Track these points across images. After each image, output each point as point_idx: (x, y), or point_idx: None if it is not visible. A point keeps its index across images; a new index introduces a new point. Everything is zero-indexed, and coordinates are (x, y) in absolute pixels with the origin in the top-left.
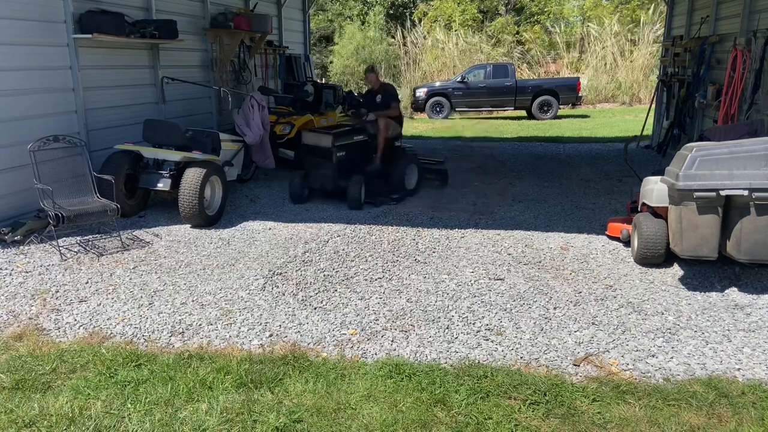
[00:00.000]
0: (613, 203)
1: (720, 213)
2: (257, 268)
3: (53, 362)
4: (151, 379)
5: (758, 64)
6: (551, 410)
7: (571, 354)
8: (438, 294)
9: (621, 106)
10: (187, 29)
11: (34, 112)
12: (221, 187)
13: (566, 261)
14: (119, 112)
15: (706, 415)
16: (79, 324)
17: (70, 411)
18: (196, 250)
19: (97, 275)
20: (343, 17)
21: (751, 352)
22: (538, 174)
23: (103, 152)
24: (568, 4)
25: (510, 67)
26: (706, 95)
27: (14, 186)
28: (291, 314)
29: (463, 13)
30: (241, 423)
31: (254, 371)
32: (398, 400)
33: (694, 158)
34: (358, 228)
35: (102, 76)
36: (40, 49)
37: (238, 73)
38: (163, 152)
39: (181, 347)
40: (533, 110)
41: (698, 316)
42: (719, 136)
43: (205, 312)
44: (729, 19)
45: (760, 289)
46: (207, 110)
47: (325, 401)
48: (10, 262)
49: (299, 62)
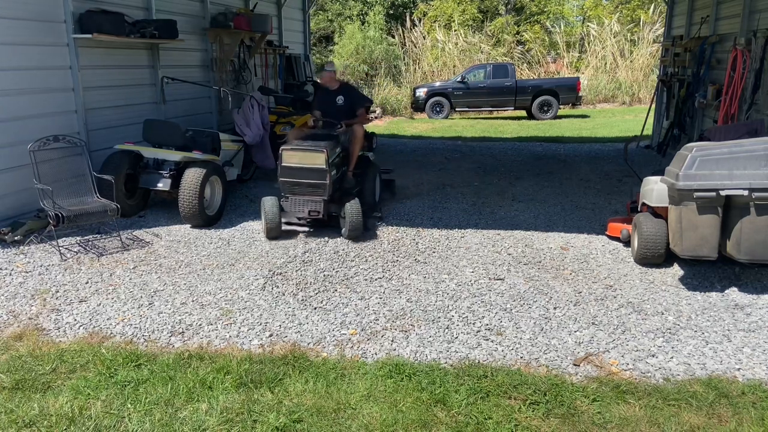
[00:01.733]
0: (613, 203)
1: (720, 213)
2: (257, 268)
3: (53, 362)
4: (151, 379)
5: (758, 64)
6: (551, 410)
7: (571, 354)
8: (438, 294)
9: (621, 106)
10: (187, 29)
11: (34, 112)
12: (221, 187)
13: (566, 261)
14: (119, 112)
15: (706, 415)
16: (79, 324)
17: (70, 411)
18: (196, 250)
19: (97, 275)
20: (343, 17)
21: (751, 352)
22: (538, 174)
23: (103, 152)
24: (568, 4)
25: (510, 67)
26: (706, 95)
27: (14, 186)
28: (291, 314)
29: (463, 13)
30: (241, 423)
31: (254, 371)
32: (398, 400)
33: (694, 158)
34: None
35: (102, 75)
36: (40, 49)
37: (238, 73)
38: (163, 152)
39: (181, 347)
40: (533, 110)
41: (698, 316)
42: (719, 136)
43: (205, 312)
44: (729, 19)
45: (760, 289)
46: (207, 110)
47: (325, 401)
48: (10, 262)
49: (299, 62)
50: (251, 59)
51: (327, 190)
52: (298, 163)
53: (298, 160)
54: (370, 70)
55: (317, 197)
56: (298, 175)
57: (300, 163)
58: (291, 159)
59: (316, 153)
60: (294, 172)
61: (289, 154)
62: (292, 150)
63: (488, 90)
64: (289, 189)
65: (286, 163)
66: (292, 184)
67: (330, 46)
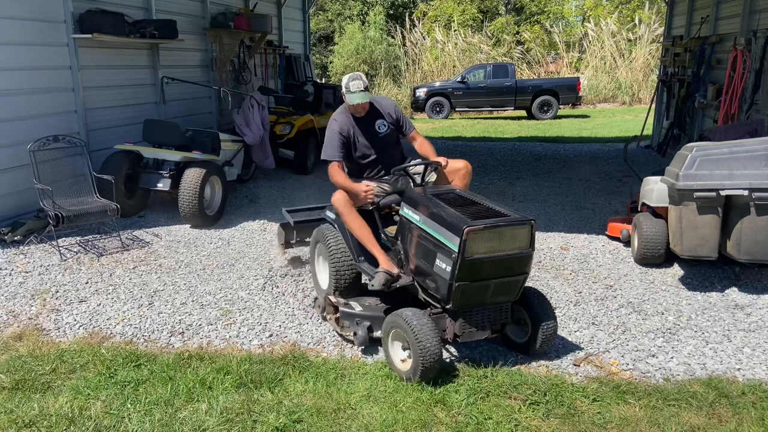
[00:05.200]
0: (613, 203)
1: (720, 213)
2: (257, 268)
3: (53, 362)
4: (151, 379)
5: (758, 64)
6: (551, 410)
7: (571, 354)
8: None
9: (621, 106)
10: (187, 29)
11: (34, 112)
12: (221, 187)
13: (566, 261)
14: (119, 112)
15: (706, 415)
16: (79, 324)
17: (70, 411)
18: (196, 250)
19: (96, 275)
20: (343, 17)
21: (751, 352)
22: (538, 174)
23: (103, 152)
24: (568, 4)
25: (510, 67)
26: (706, 95)
27: (14, 186)
28: (291, 314)
29: (463, 13)
30: (241, 423)
31: (254, 371)
32: (398, 400)
33: (694, 158)
34: None
35: (102, 75)
36: (40, 49)
37: (238, 73)
38: (163, 152)
39: (181, 347)
40: (533, 110)
41: (698, 316)
42: (719, 136)
43: (205, 312)
44: (729, 19)
45: (760, 289)
46: (207, 110)
47: (325, 401)
48: (10, 262)
49: (299, 62)
50: (251, 59)
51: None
52: (495, 251)
53: (493, 246)
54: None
55: (509, 298)
56: (490, 270)
57: (496, 251)
58: (480, 245)
59: (519, 227)
60: (484, 268)
61: (477, 237)
62: (480, 231)
63: (488, 90)
64: (477, 296)
65: (474, 253)
66: (479, 289)
67: (330, 46)
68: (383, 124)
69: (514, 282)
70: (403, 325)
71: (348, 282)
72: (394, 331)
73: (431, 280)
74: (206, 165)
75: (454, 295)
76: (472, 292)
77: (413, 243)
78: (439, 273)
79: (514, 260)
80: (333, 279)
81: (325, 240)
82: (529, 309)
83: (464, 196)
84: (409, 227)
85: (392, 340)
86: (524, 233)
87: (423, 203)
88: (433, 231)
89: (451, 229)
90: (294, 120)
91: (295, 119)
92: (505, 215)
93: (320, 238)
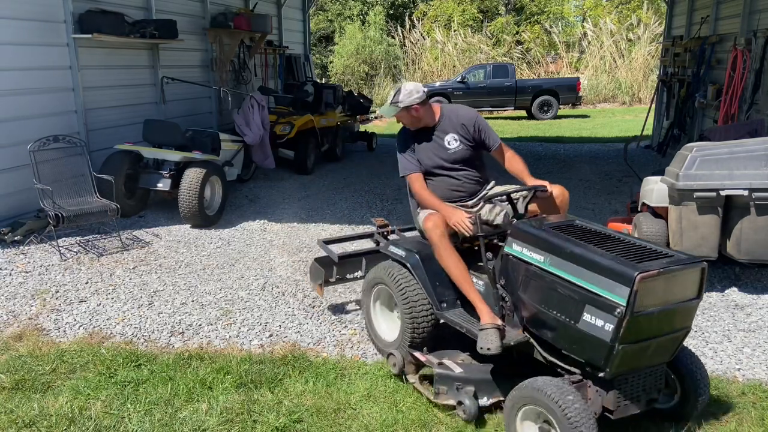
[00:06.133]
0: (613, 203)
1: (720, 213)
2: (257, 268)
3: (53, 362)
4: (151, 379)
5: (758, 64)
6: None
7: None
8: None
9: (621, 106)
10: (187, 29)
11: (34, 112)
12: (221, 187)
13: None
14: (119, 112)
15: (705, 415)
16: (79, 324)
17: (70, 411)
18: (195, 250)
19: (96, 275)
20: (343, 17)
21: (751, 352)
22: (538, 174)
23: (103, 152)
24: (568, 4)
25: (510, 67)
26: (706, 95)
27: (14, 186)
28: (291, 314)
29: (463, 13)
30: (241, 423)
31: (254, 371)
32: (398, 400)
33: (694, 158)
34: (358, 227)
35: (102, 75)
36: (40, 49)
37: (238, 73)
38: (163, 152)
39: (181, 347)
40: (533, 110)
41: (698, 317)
42: (719, 136)
43: (205, 312)
44: (729, 19)
45: (760, 289)
46: (207, 110)
47: (325, 401)
48: (10, 262)
49: (299, 62)
50: (251, 59)
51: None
52: (666, 302)
53: (665, 297)
54: (370, 71)
55: (664, 359)
56: (655, 326)
57: (667, 302)
58: (653, 296)
59: (691, 270)
60: (652, 324)
61: (651, 285)
62: (654, 277)
63: (488, 90)
64: (635, 360)
65: (647, 306)
66: (640, 350)
67: (330, 46)
68: (454, 138)
69: (674, 339)
70: (545, 403)
71: (426, 334)
72: (527, 408)
73: (570, 339)
74: (206, 165)
75: (613, 360)
76: (633, 355)
77: (533, 290)
78: (590, 331)
79: (680, 312)
80: (408, 331)
81: (396, 283)
82: (677, 369)
83: (595, 230)
84: (523, 269)
85: (522, 420)
86: (695, 278)
87: (548, 240)
88: (577, 278)
89: (612, 276)
90: (294, 120)
91: (295, 119)
92: (669, 255)
93: (385, 279)
